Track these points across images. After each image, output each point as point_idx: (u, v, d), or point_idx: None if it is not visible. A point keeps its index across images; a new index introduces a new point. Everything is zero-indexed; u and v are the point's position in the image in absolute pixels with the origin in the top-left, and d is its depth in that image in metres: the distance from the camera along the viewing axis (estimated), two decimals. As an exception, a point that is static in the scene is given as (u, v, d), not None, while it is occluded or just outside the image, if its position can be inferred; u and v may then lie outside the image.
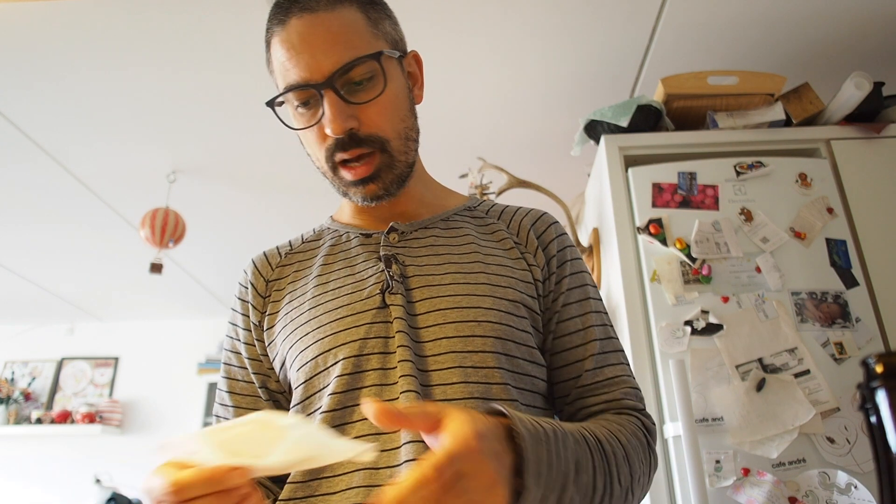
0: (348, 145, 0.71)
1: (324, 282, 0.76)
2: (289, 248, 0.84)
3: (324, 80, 0.68)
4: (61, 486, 3.80)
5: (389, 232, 0.78)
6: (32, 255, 3.23)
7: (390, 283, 0.71)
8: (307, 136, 0.74)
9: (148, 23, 1.73)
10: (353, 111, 0.70)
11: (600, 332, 0.76)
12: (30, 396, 4.06)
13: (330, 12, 0.69)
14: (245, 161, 2.43)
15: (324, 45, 0.68)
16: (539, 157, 2.46)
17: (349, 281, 0.74)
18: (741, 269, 1.53)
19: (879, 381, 0.38)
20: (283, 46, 0.70)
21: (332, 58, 0.68)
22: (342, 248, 0.80)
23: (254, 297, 0.80)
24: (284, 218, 2.87)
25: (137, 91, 2.01)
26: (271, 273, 0.81)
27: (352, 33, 0.70)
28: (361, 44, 0.70)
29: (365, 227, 0.82)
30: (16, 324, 4.31)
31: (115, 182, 2.54)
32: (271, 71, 0.75)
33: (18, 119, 2.12)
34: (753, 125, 1.74)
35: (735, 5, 1.76)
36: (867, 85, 1.67)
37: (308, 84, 0.69)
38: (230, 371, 0.79)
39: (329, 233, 0.84)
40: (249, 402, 0.76)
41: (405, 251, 0.76)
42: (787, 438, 1.35)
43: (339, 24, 0.69)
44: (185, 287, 3.74)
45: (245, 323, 0.79)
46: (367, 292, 0.72)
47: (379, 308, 0.70)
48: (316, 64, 0.68)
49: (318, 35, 0.68)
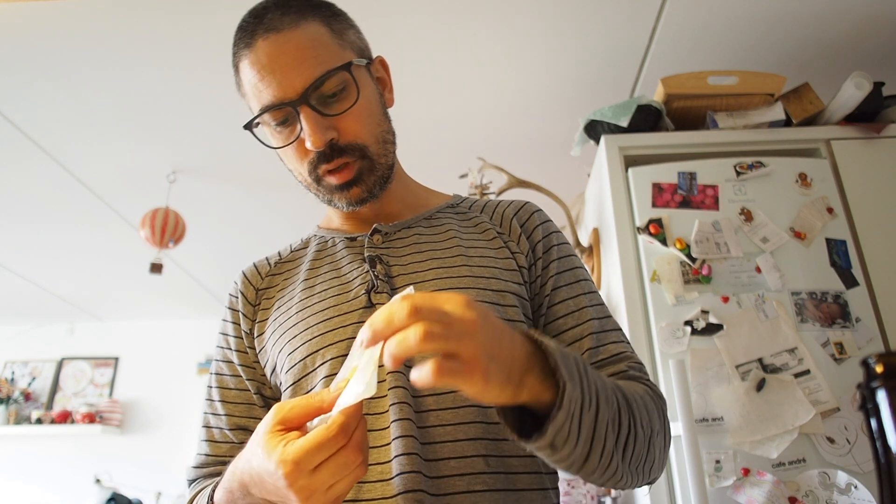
0: (330, 156, 0.72)
1: (310, 286, 0.77)
2: (278, 257, 0.86)
3: (298, 97, 0.69)
4: (61, 486, 3.80)
5: (373, 234, 0.79)
6: (32, 255, 3.23)
7: (375, 282, 0.72)
8: (287, 153, 0.75)
9: (148, 23, 1.73)
10: (331, 122, 0.71)
11: (595, 311, 0.75)
12: (30, 396, 4.06)
13: (295, 29, 0.70)
14: (245, 161, 2.43)
15: (293, 62, 0.69)
16: (539, 157, 2.46)
17: (335, 283, 0.76)
18: (741, 269, 1.53)
19: (879, 381, 0.38)
20: (253, 68, 0.70)
21: (303, 74, 0.69)
22: (328, 253, 0.81)
23: (244, 305, 0.81)
24: (284, 218, 2.87)
25: (137, 91, 2.01)
26: (261, 282, 0.83)
27: (319, 47, 0.71)
28: (330, 57, 0.71)
29: (349, 231, 0.83)
30: (16, 324, 4.31)
31: (115, 182, 2.54)
32: (243, 94, 0.75)
33: (18, 119, 2.12)
34: (753, 125, 1.74)
35: (735, 5, 1.76)
36: (867, 85, 1.67)
37: (282, 103, 0.69)
38: (222, 381, 0.80)
39: (315, 240, 0.86)
40: (243, 410, 0.77)
41: (389, 251, 0.77)
42: (787, 438, 1.35)
43: (305, 40, 0.70)
44: (185, 287, 3.74)
45: (236, 331, 0.80)
46: (353, 293, 0.73)
47: (365, 308, 0.71)
48: (288, 82, 0.69)
49: (286, 53, 0.69)
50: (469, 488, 0.63)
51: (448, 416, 0.66)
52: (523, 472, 0.67)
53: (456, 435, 0.65)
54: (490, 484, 0.64)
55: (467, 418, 0.66)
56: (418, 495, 0.61)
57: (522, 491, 0.66)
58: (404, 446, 0.62)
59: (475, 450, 0.65)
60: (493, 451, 0.66)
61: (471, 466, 0.64)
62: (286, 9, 0.71)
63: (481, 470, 0.64)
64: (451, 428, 0.65)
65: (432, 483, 0.63)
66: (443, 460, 0.64)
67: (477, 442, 0.65)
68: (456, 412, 0.66)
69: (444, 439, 0.65)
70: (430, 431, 0.65)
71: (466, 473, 0.64)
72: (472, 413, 0.66)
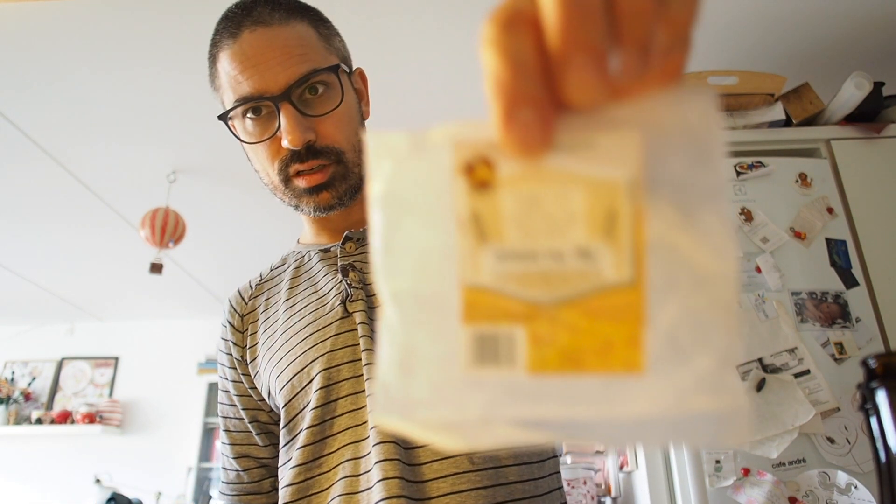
0: (305, 157, 0.70)
1: (291, 305, 0.77)
2: (259, 279, 0.85)
3: (280, 93, 0.68)
4: (61, 486, 3.80)
5: (344, 242, 0.77)
6: (32, 255, 3.24)
7: (349, 291, 0.71)
8: (257, 150, 0.73)
9: (148, 23, 1.73)
10: (311, 123, 0.70)
11: None
12: (30, 396, 4.06)
13: (284, 26, 0.69)
14: (245, 161, 2.42)
15: (279, 57, 0.68)
16: (539, 157, 2.46)
17: (313, 299, 0.75)
18: (741, 269, 1.53)
19: (879, 381, 0.38)
20: (234, 59, 0.69)
21: (288, 70, 0.68)
22: (305, 269, 0.81)
23: (232, 333, 0.81)
24: (284, 218, 2.87)
25: (137, 91, 2.01)
26: (245, 307, 0.82)
27: (306, 47, 0.70)
28: (316, 57, 0.70)
29: (323, 242, 0.82)
30: (16, 324, 4.31)
31: (116, 182, 2.54)
32: (217, 87, 0.74)
33: (19, 119, 2.12)
34: (753, 125, 1.74)
35: (735, 5, 1.76)
36: (867, 85, 1.67)
37: (262, 96, 0.68)
38: (223, 409, 0.80)
39: (293, 256, 0.85)
40: (243, 438, 0.78)
41: (362, 257, 0.76)
42: (787, 438, 1.35)
43: (293, 38, 0.69)
44: (185, 287, 3.74)
45: (230, 362, 0.80)
46: (328, 306, 0.72)
47: (342, 318, 0.70)
48: (271, 75, 0.68)
49: (273, 48, 0.68)
50: (454, 489, 0.62)
51: None
52: (513, 464, 0.66)
53: None
54: (476, 482, 0.63)
55: None
56: (400, 501, 0.60)
57: (514, 483, 0.65)
58: (385, 452, 0.61)
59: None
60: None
61: (455, 466, 0.63)
62: (276, 5, 0.70)
63: (466, 469, 0.63)
64: None
65: (415, 488, 0.62)
66: (425, 464, 0.63)
67: None
68: None
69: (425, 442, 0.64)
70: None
71: (450, 474, 0.63)
72: None
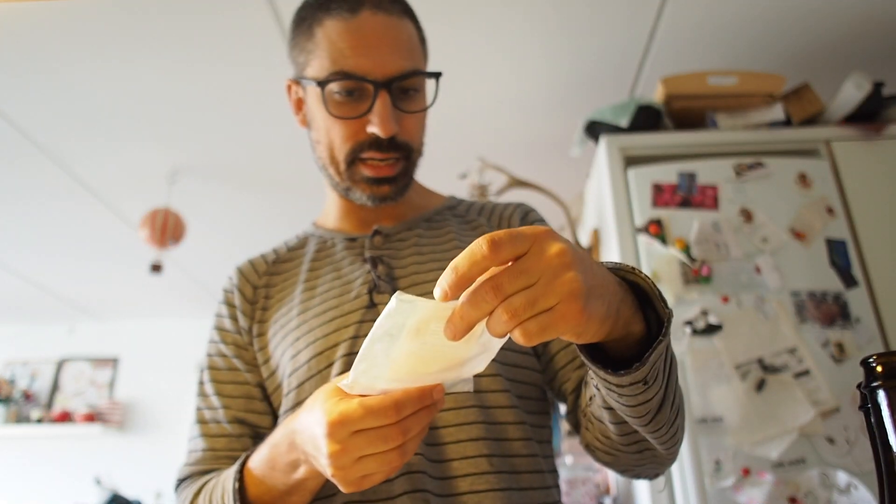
0: (385, 147, 0.72)
1: (311, 287, 0.77)
2: (274, 256, 0.85)
3: (384, 80, 0.70)
4: (61, 486, 3.80)
5: (374, 235, 0.79)
6: (32, 255, 3.23)
7: (377, 282, 0.72)
8: (336, 125, 0.73)
9: (148, 23, 1.73)
10: (399, 117, 0.72)
11: None
12: (30, 396, 4.06)
13: (400, 20, 0.73)
14: (245, 161, 2.43)
15: (394, 45, 0.71)
16: (539, 157, 2.46)
17: (336, 284, 0.75)
18: (741, 270, 1.53)
19: (879, 381, 0.38)
20: (349, 33, 0.70)
21: (397, 62, 0.71)
22: (327, 254, 0.81)
23: (241, 302, 0.80)
24: (284, 218, 2.87)
25: (137, 91, 2.01)
26: (258, 280, 0.82)
27: (413, 46, 0.74)
28: (419, 58, 0.75)
29: (348, 230, 0.83)
30: (16, 324, 4.31)
31: (115, 182, 2.54)
32: (304, 48, 0.74)
33: (18, 119, 2.12)
34: (753, 125, 1.74)
35: (735, 5, 1.76)
36: (867, 85, 1.67)
37: (366, 78, 0.69)
38: (217, 374, 0.78)
39: (314, 239, 0.85)
40: (241, 403, 0.76)
41: (390, 252, 0.77)
42: (787, 438, 1.35)
43: (405, 33, 0.73)
44: (185, 287, 3.74)
45: (234, 326, 0.79)
46: (354, 293, 0.73)
47: (367, 307, 0.71)
48: (381, 62, 0.70)
49: (389, 36, 0.71)
50: (473, 488, 0.63)
51: (450, 418, 0.66)
52: (526, 470, 0.68)
53: (459, 436, 0.65)
54: (494, 483, 0.64)
55: (469, 419, 0.66)
56: (424, 495, 0.61)
57: (526, 490, 0.67)
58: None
59: (478, 450, 0.65)
60: (496, 451, 0.66)
61: (475, 466, 0.64)
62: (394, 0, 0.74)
63: (485, 470, 0.64)
64: (454, 429, 0.66)
65: (437, 483, 0.63)
66: (447, 461, 0.65)
67: (480, 442, 0.65)
68: (458, 413, 0.66)
69: (447, 440, 0.65)
70: (435, 433, 0.66)
71: (470, 474, 0.64)
72: (474, 413, 0.67)
